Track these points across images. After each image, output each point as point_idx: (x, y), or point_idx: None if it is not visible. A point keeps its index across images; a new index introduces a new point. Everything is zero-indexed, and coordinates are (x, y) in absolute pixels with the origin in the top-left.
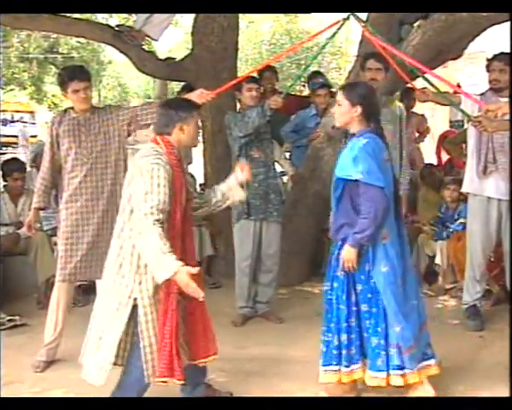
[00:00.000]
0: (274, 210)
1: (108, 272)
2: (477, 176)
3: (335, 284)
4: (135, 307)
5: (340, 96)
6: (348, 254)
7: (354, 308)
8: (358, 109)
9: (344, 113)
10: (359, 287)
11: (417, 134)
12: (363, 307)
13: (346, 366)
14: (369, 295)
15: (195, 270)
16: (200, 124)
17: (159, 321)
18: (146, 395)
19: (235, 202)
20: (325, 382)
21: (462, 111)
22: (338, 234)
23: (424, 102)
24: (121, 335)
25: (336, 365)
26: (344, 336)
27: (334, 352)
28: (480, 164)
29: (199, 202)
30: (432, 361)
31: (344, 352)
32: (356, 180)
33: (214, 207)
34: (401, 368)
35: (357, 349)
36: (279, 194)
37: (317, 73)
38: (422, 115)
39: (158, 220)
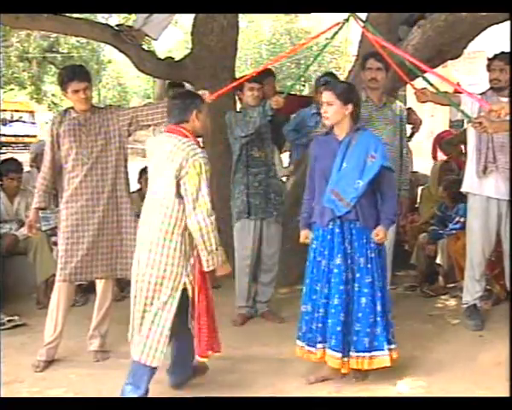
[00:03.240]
0: (274, 210)
1: (157, 261)
2: (477, 176)
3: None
4: (184, 290)
5: (330, 97)
6: (385, 235)
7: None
8: (350, 107)
9: (337, 112)
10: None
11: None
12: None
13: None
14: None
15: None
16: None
17: (201, 303)
18: (152, 394)
19: None
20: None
21: (462, 112)
22: (369, 221)
23: (424, 102)
24: (173, 317)
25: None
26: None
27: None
28: (480, 164)
29: None
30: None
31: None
32: (386, 168)
33: None
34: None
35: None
36: (279, 193)
37: (328, 74)
38: (410, 108)
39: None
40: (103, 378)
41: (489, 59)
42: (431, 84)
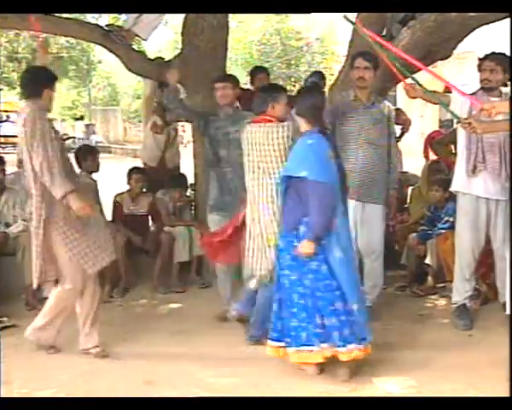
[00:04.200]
0: None
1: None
2: (466, 175)
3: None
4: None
5: None
6: (308, 248)
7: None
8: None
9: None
10: (311, 276)
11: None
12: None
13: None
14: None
15: None
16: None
17: None
18: (143, 395)
19: None
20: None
21: (452, 112)
22: (296, 227)
23: (413, 98)
24: None
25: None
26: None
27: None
28: (470, 163)
29: None
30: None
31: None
32: (299, 177)
33: None
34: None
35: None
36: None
37: (316, 73)
38: (399, 109)
39: None
40: (96, 379)
41: (480, 59)
42: (420, 85)
